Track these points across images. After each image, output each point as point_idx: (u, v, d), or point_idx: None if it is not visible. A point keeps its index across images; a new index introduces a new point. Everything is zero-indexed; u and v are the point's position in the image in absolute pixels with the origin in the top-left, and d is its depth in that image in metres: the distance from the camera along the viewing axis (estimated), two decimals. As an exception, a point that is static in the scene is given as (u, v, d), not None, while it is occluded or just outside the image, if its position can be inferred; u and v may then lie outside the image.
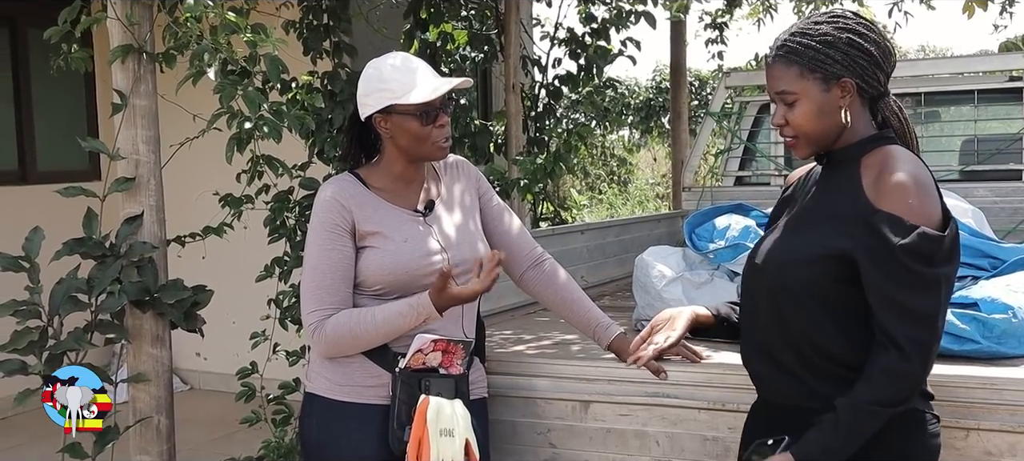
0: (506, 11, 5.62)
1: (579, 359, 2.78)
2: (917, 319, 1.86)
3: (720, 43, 7.78)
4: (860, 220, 1.91)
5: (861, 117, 2.02)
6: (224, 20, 2.73)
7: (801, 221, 2.07)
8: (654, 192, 14.31)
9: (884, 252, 1.86)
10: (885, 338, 1.87)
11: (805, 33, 1.99)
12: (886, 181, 1.90)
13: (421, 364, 2.44)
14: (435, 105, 2.45)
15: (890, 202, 1.88)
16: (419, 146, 2.47)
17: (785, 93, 1.99)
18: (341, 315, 2.42)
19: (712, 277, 3.01)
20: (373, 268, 2.45)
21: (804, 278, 1.97)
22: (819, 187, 2.08)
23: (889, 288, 1.86)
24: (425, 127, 2.44)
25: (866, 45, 1.96)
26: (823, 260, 1.95)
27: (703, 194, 5.34)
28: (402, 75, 2.45)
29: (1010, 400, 2.25)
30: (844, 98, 1.97)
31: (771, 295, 2.02)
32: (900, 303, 1.86)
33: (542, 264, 2.71)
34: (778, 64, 2.01)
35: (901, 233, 1.85)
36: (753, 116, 5.39)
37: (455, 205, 2.63)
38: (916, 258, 1.85)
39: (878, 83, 2.00)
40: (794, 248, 2.02)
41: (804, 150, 2.04)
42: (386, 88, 2.44)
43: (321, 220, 2.46)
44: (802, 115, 1.98)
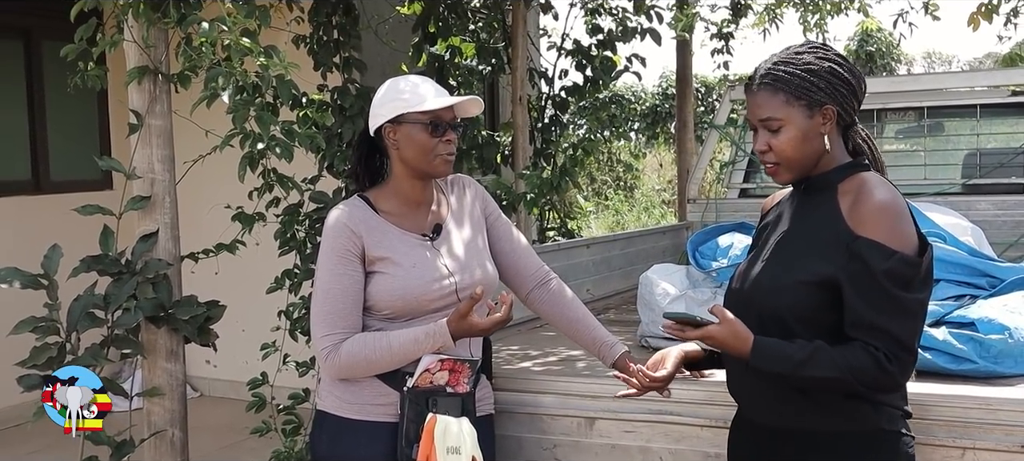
0: (513, 23, 5.67)
1: (585, 376, 2.84)
2: (897, 341, 1.94)
3: (726, 52, 7.81)
4: (841, 246, 1.98)
5: (837, 144, 2.09)
6: (238, 44, 2.78)
7: (783, 248, 2.13)
8: (660, 198, 14.36)
9: (866, 277, 1.93)
10: (868, 347, 1.94)
11: (788, 62, 2.07)
12: (865, 207, 1.98)
13: (428, 383, 2.49)
14: (445, 120, 2.52)
15: (870, 228, 1.95)
16: (424, 158, 2.52)
17: (770, 120, 2.05)
18: (355, 341, 2.47)
19: (715, 295, 3.06)
20: (382, 293, 2.51)
21: (790, 304, 2.03)
22: (797, 213, 2.15)
23: (870, 314, 1.93)
24: (432, 138, 2.51)
25: (845, 74, 2.06)
26: (808, 286, 2.02)
27: (708, 206, 5.39)
28: (415, 88, 2.55)
29: (1006, 420, 2.30)
30: (825, 125, 2.05)
31: (758, 321, 2.06)
32: (881, 327, 1.93)
33: (548, 283, 2.77)
34: (763, 92, 2.07)
35: (882, 258, 1.92)
36: (757, 129, 5.43)
37: (463, 225, 2.69)
38: (896, 283, 1.92)
39: (853, 111, 2.09)
40: (779, 274, 2.08)
41: (786, 176, 2.11)
42: (399, 98, 2.53)
43: (332, 245, 2.52)
44: (787, 141, 2.04)
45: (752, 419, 2.19)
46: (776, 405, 2.10)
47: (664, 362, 2.33)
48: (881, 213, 1.96)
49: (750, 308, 2.10)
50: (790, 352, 1.99)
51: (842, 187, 2.06)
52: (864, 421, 2.02)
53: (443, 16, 5.34)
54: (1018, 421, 2.29)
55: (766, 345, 2.02)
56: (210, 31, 2.78)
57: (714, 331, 2.06)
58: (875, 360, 1.93)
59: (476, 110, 2.62)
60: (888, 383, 1.98)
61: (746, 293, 2.15)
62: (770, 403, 2.11)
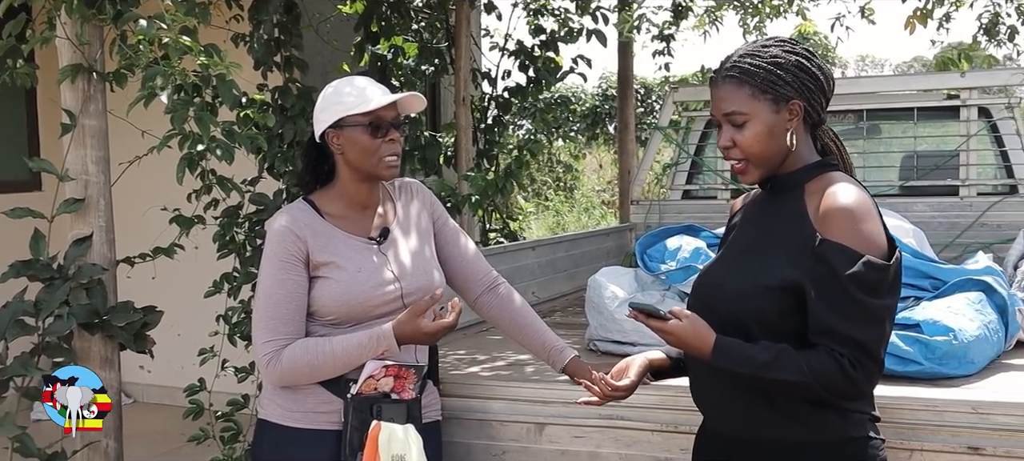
0: (457, 24, 5.62)
1: (534, 381, 2.81)
2: (862, 349, 1.87)
3: (667, 54, 7.86)
4: (806, 249, 1.92)
5: (805, 142, 2.03)
6: (177, 42, 2.70)
7: (747, 250, 2.08)
8: (600, 199, 14.40)
9: (831, 282, 1.87)
10: (833, 353, 1.88)
11: (754, 55, 2.00)
12: (831, 208, 1.91)
13: (373, 390, 2.44)
14: (386, 119, 2.47)
15: (835, 230, 1.89)
16: (367, 160, 2.47)
17: (735, 114, 1.99)
18: (297, 346, 2.41)
19: (664, 297, 3.05)
20: (326, 298, 2.45)
21: (752, 309, 1.97)
22: (763, 214, 2.09)
23: (835, 320, 1.86)
24: (374, 140, 2.45)
25: (813, 70, 1.99)
26: (771, 291, 1.96)
27: (651, 208, 5.40)
28: (356, 90, 2.50)
29: (952, 422, 2.33)
30: (791, 121, 1.98)
31: (720, 327, 1.99)
32: (846, 334, 1.86)
33: (497, 288, 2.73)
34: (728, 84, 2.00)
35: (847, 262, 1.86)
36: (700, 131, 5.47)
37: (410, 230, 2.64)
38: (862, 288, 1.85)
39: (821, 108, 2.03)
40: (741, 278, 2.02)
41: (752, 174, 2.04)
42: (339, 102, 2.47)
43: (275, 250, 2.46)
44: (752, 136, 1.98)
45: (717, 430, 2.13)
46: (742, 414, 2.03)
47: (627, 371, 2.25)
48: (847, 215, 1.90)
49: (712, 311, 2.03)
50: (753, 353, 1.93)
51: (809, 187, 2.00)
52: (832, 430, 1.96)
53: (386, 15, 5.27)
54: (964, 422, 2.31)
55: (728, 345, 1.95)
56: (148, 29, 2.69)
57: (675, 327, 1.99)
58: (840, 366, 1.87)
59: (418, 106, 2.57)
60: (852, 390, 1.91)
61: (708, 296, 2.09)
62: (735, 412, 2.05)
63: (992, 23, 7.75)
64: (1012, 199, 4.84)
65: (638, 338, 2.99)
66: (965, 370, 2.61)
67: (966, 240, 4.62)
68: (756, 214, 2.13)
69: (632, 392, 2.24)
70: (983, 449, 2.28)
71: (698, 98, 5.77)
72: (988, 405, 2.31)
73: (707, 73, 8.02)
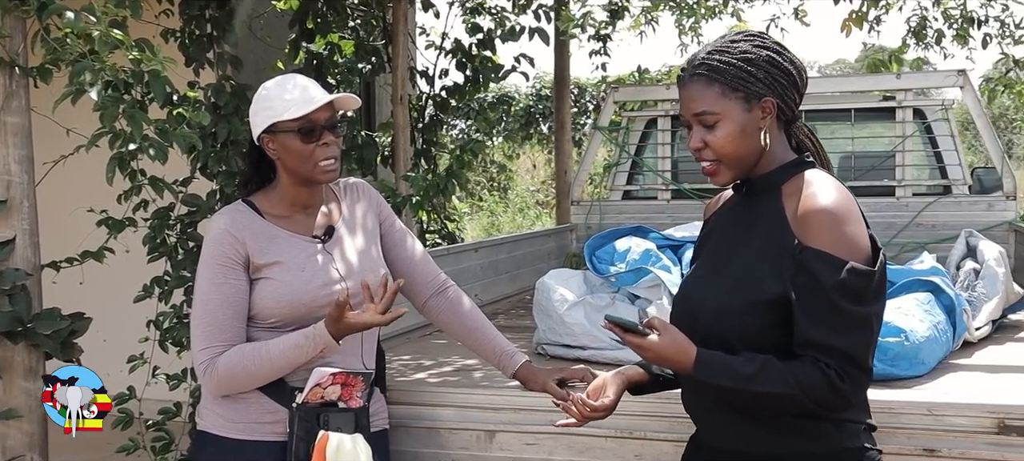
0: (394, 21, 5.51)
1: (484, 387, 2.74)
2: (850, 359, 1.77)
3: (604, 54, 7.84)
4: (788, 257, 1.82)
5: (779, 140, 1.92)
6: (108, 36, 2.56)
7: (727, 260, 1.97)
8: (534, 199, 14.38)
9: (814, 292, 1.77)
10: (819, 363, 1.79)
11: (724, 51, 1.90)
12: (811, 212, 1.81)
13: (319, 398, 2.35)
14: (318, 123, 2.36)
15: (817, 236, 1.79)
16: (303, 166, 2.37)
17: (705, 114, 1.88)
18: (233, 351, 2.32)
19: (614, 300, 3.00)
20: (268, 300, 2.35)
21: (738, 327, 1.87)
22: (740, 220, 1.99)
23: (821, 331, 1.77)
24: (307, 145, 2.35)
25: (785, 64, 1.89)
26: (756, 306, 1.85)
27: (592, 208, 5.37)
28: (286, 93, 2.38)
29: (907, 424, 2.31)
30: (765, 119, 1.87)
31: (705, 343, 1.88)
32: (832, 345, 1.77)
33: (446, 291, 2.66)
34: (697, 83, 1.89)
35: (830, 271, 1.76)
36: (640, 131, 5.45)
37: (356, 230, 2.55)
38: (847, 296, 1.76)
39: (794, 104, 1.92)
40: (724, 294, 1.91)
41: (725, 176, 1.93)
42: (269, 107, 2.37)
43: (212, 253, 2.35)
44: (724, 137, 1.87)
45: (710, 442, 2.03)
46: (733, 427, 1.94)
47: (605, 389, 2.14)
48: (829, 218, 1.79)
49: (694, 328, 1.92)
50: (737, 366, 1.82)
51: (786, 189, 1.89)
52: (826, 441, 1.87)
53: (321, 12, 5.15)
54: (919, 425, 2.30)
55: (711, 358, 1.85)
56: (76, 22, 2.55)
57: (653, 342, 1.87)
58: (826, 377, 1.77)
59: (353, 105, 2.47)
60: (840, 401, 1.81)
61: (691, 313, 1.98)
62: (727, 425, 1.95)
63: (920, 26, 7.90)
64: (946, 199, 4.92)
65: (588, 342, 2.94)
66: (916, 371, 2.61)
67: (902, 240, 4.68)
68: (732, 220, 2.02)
69: (611, 412, 2.13)
70: (938, 451, 2.27)
71: (638, 98, 5.77)
72: (943, 406, 2.30)
73: (644, 73, 8.03)
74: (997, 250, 3.36)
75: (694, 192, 5.27)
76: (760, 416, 1.89)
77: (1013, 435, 2.23)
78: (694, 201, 5.26)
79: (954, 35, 7.73)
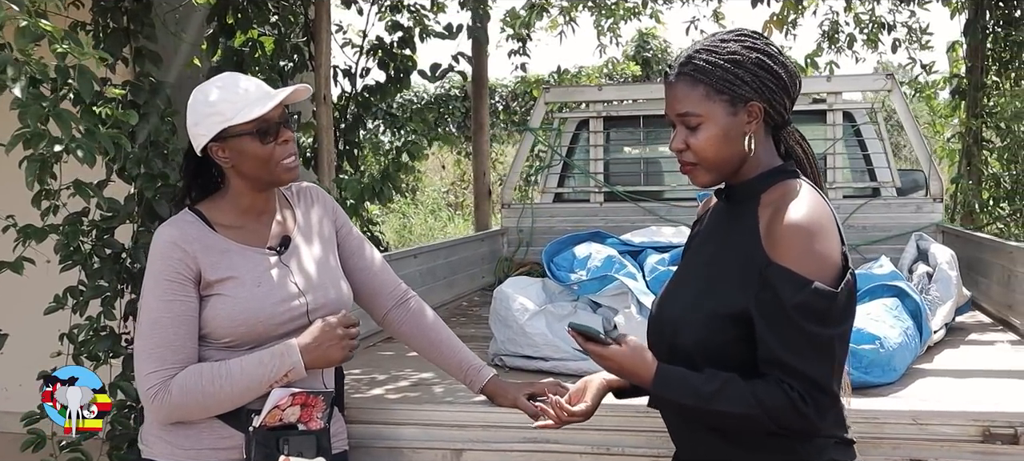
0: (317, 18, 5.30)
1: (449, 403, 2.59)
2: (812, 382, 1.70)
3: (523, 54, 7.75)
4: (755, 271, 1.74)
5: (764, 146, 1.85)
6: (35, 26, 2.33)
7: (696, 270, 1.91)
8: (445, 200, 14.20)
9: (777, 310, 1.70)
10: (783, 385, 1.71)
11: (712, 50, 1.82)
12: (780, 226, 1.73)
13: (278, 421, 2.18)
14: (273, 120, 2.19)
15: (783, 252, 1.71)
16: (264, 170, 2.20)
17: (688, 115, 1.81)
18: (187, 374, 2.13)
19: (575, 309, 2.89)
20: (222, 319, 2.17)
21: (697, 338, 1.80)
22: (719, 228, 1.92)
23: (782, 351, 1.70)
24: (267, 146, 2.18)
25: (775, 67, 1.81)
26: (718, 318, 1.78)
27: (524, 211, 5.27)
28: (231, 94, 2.20)
29: (891, 434, 2.26)
30: (750, 124, 1.80)
31: (669, 353, 1.83)
32: (794, 367, 1.69)
33: (407, 302, 2.51)
34: (682, 83, 1.82)
35: (792, 290, 1.68)
36: (572, 132, 5.37)
37: (313, 238, 2.39)
38: (809, 318, 1.68)
39: (784, 109, 1.84)
40: (688, 303, 1.85)
41: (703, 178, 1.86)
42: (216, 112, 2.17)
43: (160, 268, 2.16)
44: (706, 140, 1.80)
45: (681, 456, 1.96)
46: (701, 440, 1.86)
47: (584, 394, 2.06)
48: (795, 234, 1.71)
49: (662, 341, 1.87)
50: (697, 384, 1.74)
51: (764, 198, 1.81)
52: (791, 455, 1.79)
53: (242, 7, 4.90)
54: (904, 434, 2.25)
55: (671, 373, 1.78)
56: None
57: (614, 352, 1.82)
58: (790, 400, 1.69)
59: (305, 95, 2.31)
60: (804, 425, 1.73)
61: (658, 320, 1.92)
62: (695, 439, 1.89)
63: (833, 31, 8.07)
64: (875, 202, 4.97)
65: (550, 352, 2.82)
66: (888, 378, 2.57)
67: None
68: (713, 228, 1.95)
69: (590, 416, 2.06)
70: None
71: (570, 99, 5.69)
72: (928, 415, 2.26)
73: (564, 74, 7.98)
74: (949, 253, 3.37)
75: (627, 195, 5.21)
76: (723, 435, 1.82)
77: (999, 443, 2.20)
78: (627, 204, 5.20)
79: (865, 39, 7.92)
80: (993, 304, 3.74)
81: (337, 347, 2.18)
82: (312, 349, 2.16)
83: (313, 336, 2.17)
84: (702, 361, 1.78)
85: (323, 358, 2.18)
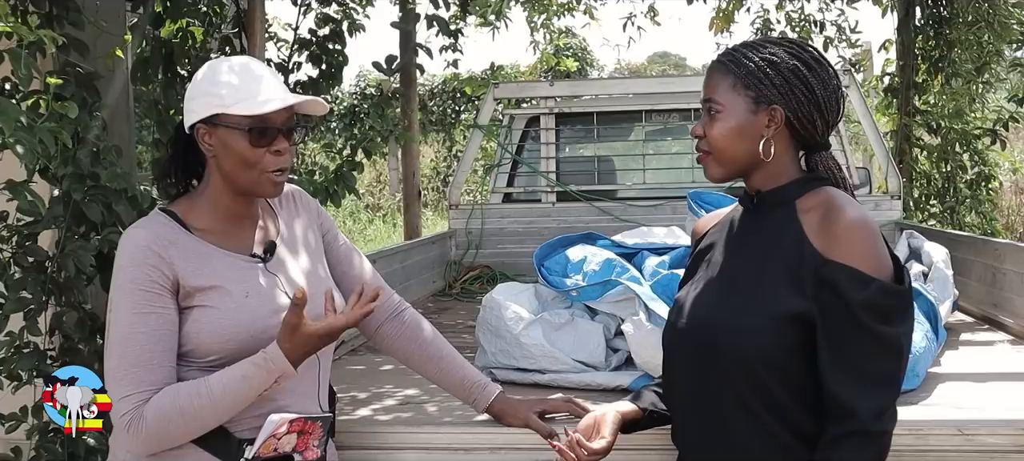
0: (250, 9, 5.00)
1: (448, 424, 2.35)
2: (878, 385, 1.65)
3: (455, 51, 7.52)
4: (809, 272, 1.68)
5: (788, 156, 1.81)
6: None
7: (739, 275, 1.81)
8: (364, 202, 13.85)
9: (839, 309, 1.65)
10: (842, 412, 1.64)
11: (752, 47, 1.82)
12: (835, 226, 1.69)
13: (272, 451, 1.92)
14: (273, 124, 1.93)
15: (842, 251, 1.67)
16: (244, 173, 1.94)
17: (712, 102, 1.80)
18: (162, 395, 1.85)
19: (572, 317, 2.67)
20: (208, 333, 1.89)
21: (759, 346, 1.71)
22: (750, 235, 1.84)
23: (847, 352, 1.65)
24: (256, 148, 1.92)
25: (810, 80, 1.77)
26: (775, 321, 1.71)
27: (473, 212, 5.05)
28: (239, 79, 1.94)
29: (937, 446, 2.12)
30: (769, 127, 1.76)
31: (716, 367, 1.75)
32: (859, 368, 1.64)
33: (402, 314, 2.27)
34: (717, 71, 1.83)
35: (858, 287, 1.64)
36: (521, 130, 5.17)
37: (298, 247, 2.13)
38: (875, 316, 1.64)
39: (813, 126, 1.78)
40: (740, 307, 1.76)
41: (714, 170, 1.83)
42: (214, 93, 1.92)
43: (131, 277, 1.87)
44: (721, 131, 1.78)
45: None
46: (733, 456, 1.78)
47: (600, 428, 1.93)
48: (854, 232, 1.68)
49: (705, 351, 1.77)
50: None
51: (802, 204, 1.76)
52: None
53: (172, -4, 4.56)
54: (950, 446, 2.11)
55: None
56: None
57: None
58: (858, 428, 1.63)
59: (320, 111, 2.05)
60: (878, 456, 1.68)
61: (697, 332, 1.81)
62: (699, 439, 1.83)
63: (765, 29, 8.08)
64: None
65: (548, 364, 2.61)
66: (911, 384, 2.44)
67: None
68: (740, 236, 1.87)
69: (608, 453, 1.92)
70: (976, 474, 2.10)
71: (519, 95, 5.49)
72: (975, 424, 2.12)
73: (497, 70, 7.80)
74: (944, 252, 3.28)
75: (580, 194, 5.03)
76: (760, 442, 1.74)
77: (1055, 453, 2.08)
78: (581, 204, 5.02)
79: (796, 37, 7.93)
80: (973, 302, 3.68)
81: (316, 328, 1.87)
82: (294, 341, 1.85)
83: (289, 324, 1.85)
84: (761, 367, 1.72)
85: (306, 340, 1.85)
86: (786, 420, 1.72)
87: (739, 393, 1.73)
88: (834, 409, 1.65)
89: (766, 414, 1.72)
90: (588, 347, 2.60)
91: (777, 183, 1.80)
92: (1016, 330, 3.37)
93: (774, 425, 1.72)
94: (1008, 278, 3.31)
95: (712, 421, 1.79)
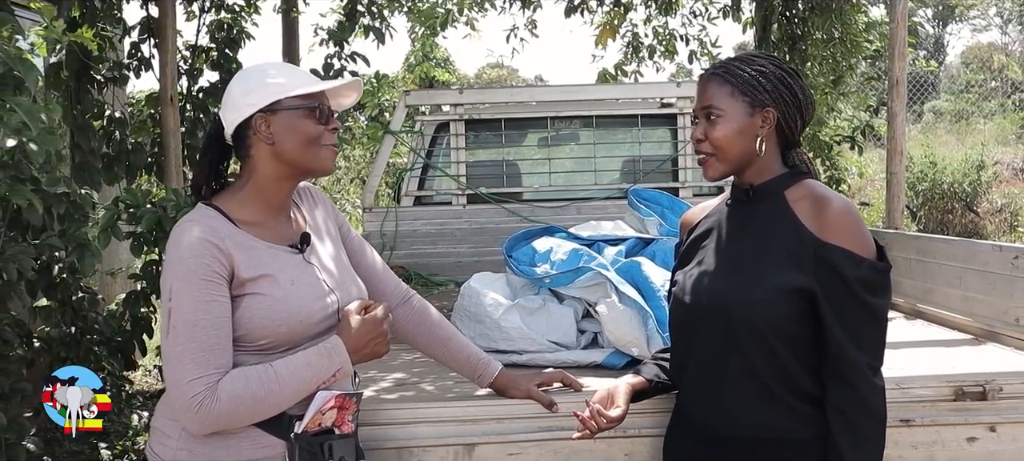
0: (160, 16, 5.01)
1: (456, 399, 2.56)
2: (873, 348, 1.99)
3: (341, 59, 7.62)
4: (809, 253, 1.98)
5: (774, 154, 2.10)
6: None
7: (742, 258, 2.09)
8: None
9: (839, 286, 1.94)
10: (847, 363, 1.95)
11: (744, 61, 2.10)
12: (826, 212, 1.99)
13: (317, 425, 2.10)
14: (328, 105, 2.16)
15: (837, 234, 1.97)
16: (308, 150, 2.12)
17: (712, 108, 2.05)
18: (233, 379, 2.00)
19: (544, 302, 2.92)
20: (261, 319, 2.06)
21: (769, 316, 1.99)
22: (746, 223, 2.12)
23: (847, 322, 1.94)
24: (320, 124, 2.12)
25: (794, 86, 2.08)
26: (783, 293, 1.99)
27: (388, 214, 5.21)
28: (288, 71, 2.19)
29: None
30: (763, 127, 2.05)
31: (729, 335, 2.03)
32: (856, 333, 1.95)
33: (410, 301, 2.48)
34: (713, 81, 2.08)
35: (853, 266, 1.94)
36: (431, 135, 5.37)
37: (324, 237, 2.32)
38: (868, 290, 1.95)
39: (794, 125, 2.11)
40: (745, 285, 2.03)
41: (715, 169, 2.09)
42: (273, 83, 2.11)
43: (192, 267, 2.01)
44: (723, 132, 2.04)
45: (714, 431, 2.11)
46: (747, 411, 2.06)
47: (615, 399, 2.20)
48: (845, 218, 1.99)
49: (717, 321, 2.05)
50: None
51: (790, 194, 2.07)
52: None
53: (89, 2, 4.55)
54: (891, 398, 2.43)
55: None
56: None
57: None
58: (868, 394, 1.98)
59: (355, 96, 2.27)
60: (883, 395, 2.01)
61: (710, 306, 2.08)
62: (740, 410, 2.07)
63: (635, 42, 8.53)
64: (722, 198, 5.31)
65: (526, 346, 2.85)
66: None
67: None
68: (735, 225, 2.14)
69: (623, 419, 2.20)
70: (912, 421, 2.47)
71: (429, 102, 5.68)
72: (909, 380, 2.50)
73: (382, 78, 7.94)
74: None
75: (490, 196, 5.28)
76: (770, 400, 2.03)
77: (968, 400, 2.47)
78: (490, 205, 5.27)
79: (663, 51, 8.44)
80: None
81: (383, 341, 2.13)
82: (359, 346, 2.10)
83: (357, 331, 2.10)
84: (770, 335, 2.00)
85: (370, 353, 2.12)
86: (792, 383, 2.00)
87: (748, 360, 2.01)
88: (840, 362, 1.95)
89: (773, 379, 2.00)
90: (561, 328, 2.86)
91: (766, 177, 2.08)
92: (906, 308, 3.85)
93: (779, 388, 2.00)
94: (897, 264, 3.76)
95: (722, 387, 2.06)
